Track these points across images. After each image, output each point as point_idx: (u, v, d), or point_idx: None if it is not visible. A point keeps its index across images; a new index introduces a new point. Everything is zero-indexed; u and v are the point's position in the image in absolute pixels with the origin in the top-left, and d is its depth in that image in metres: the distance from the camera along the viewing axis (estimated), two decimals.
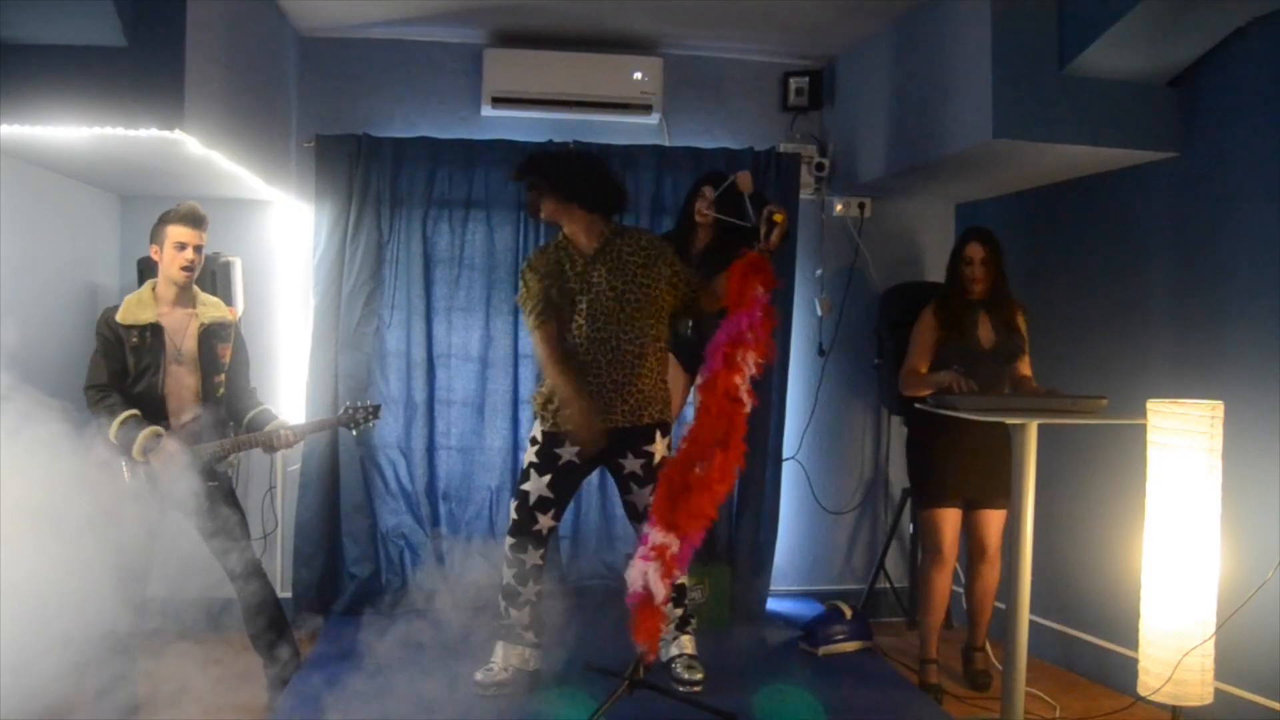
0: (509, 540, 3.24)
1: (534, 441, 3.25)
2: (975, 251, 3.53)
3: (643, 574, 2.87)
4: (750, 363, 2.89)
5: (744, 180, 3.59)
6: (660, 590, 2.86)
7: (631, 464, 3.22)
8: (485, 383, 4.28)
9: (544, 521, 3.22)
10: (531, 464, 3.22)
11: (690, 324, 3.77)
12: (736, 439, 2.89)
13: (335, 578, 4.19)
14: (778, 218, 3.01)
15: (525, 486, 3.22)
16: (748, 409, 2.90)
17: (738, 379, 2.88)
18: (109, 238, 4.12)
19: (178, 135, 2.92)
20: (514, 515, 3.23)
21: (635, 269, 3.18)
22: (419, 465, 4.24)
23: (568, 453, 3.19)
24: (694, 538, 2.92)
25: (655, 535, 2.89)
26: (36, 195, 3.54)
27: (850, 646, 3.81)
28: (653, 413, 3.23)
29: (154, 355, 3.07)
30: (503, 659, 3.27)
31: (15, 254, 3.34)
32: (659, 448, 3.23)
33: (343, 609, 4.10)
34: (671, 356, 3.55)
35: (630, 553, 3.03)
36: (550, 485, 3.20)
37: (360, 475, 4.19)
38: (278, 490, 4.25)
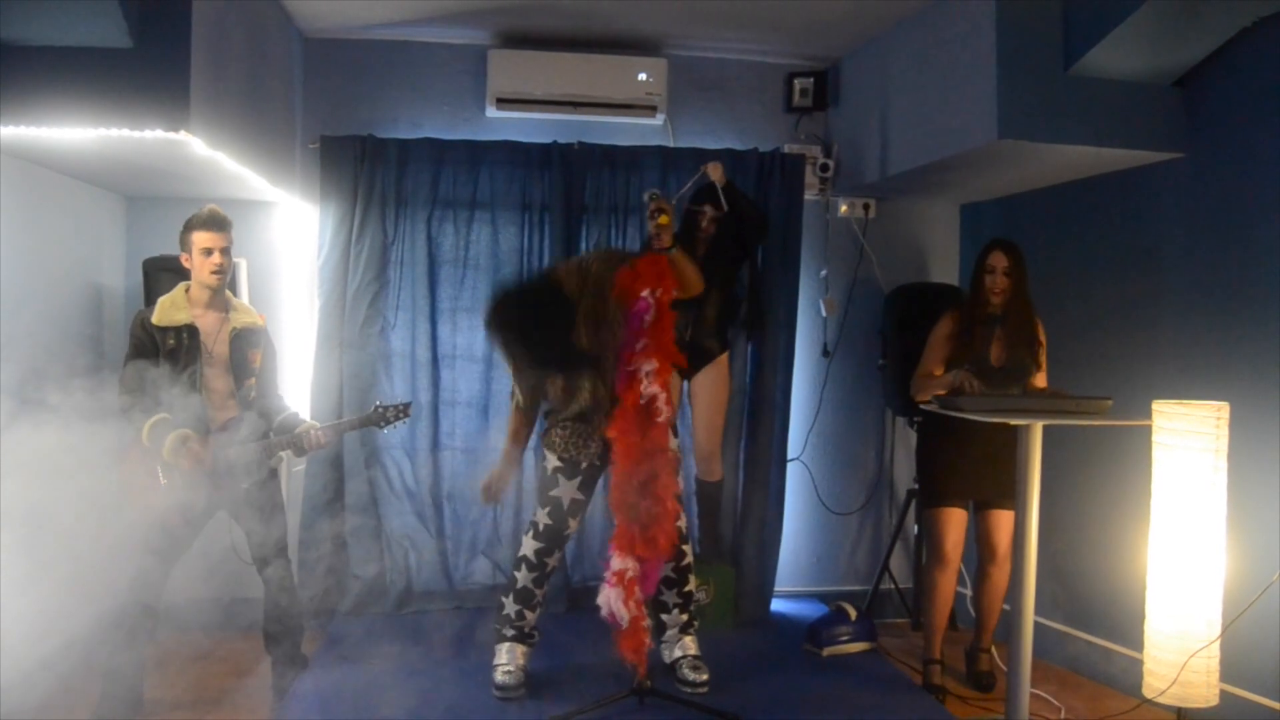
0: (535, 545, 3.22)
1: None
2: (998, 260, 3.47)
3: (608, 600, 2.92)
4: (648, 372, 2.87)
5: (714, 170, 3.60)
6: (624, 615, 2.89)
7: None
8: (490, 384, 4.28)
9: (573, 525, 3.25)
10: (557, 469, 3.21)
11: (689, 327, 3.80)
12: (663, 454, 2.91)
13: (340, 578, 4.19)
14: (663, 220, 2.96)
15: (555, 492, 3.20)
16: (664, 417, 2.91)
17: (644, 389, 2.87)
18: (114, 239, 4.13)
19: (183, 136, 2.93)
20: (547, 520, 3.20)
21: None
22: (424, 466, 4.24)
23: (587, 456, 3.21)
24: (655, 566, 2.96)
25: (615, 561, 2.93)
26: (42, 196, 3.54)
27: (855, 647, 3.81)
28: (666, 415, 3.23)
29: (190, 356, 3.07)
30: (512, 660, 3.27)
31: (21, 255, 3.34)
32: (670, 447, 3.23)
33: (348, 609, 4.10)
34: None
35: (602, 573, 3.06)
36: (580, 488, 3.21)
37: (365, 476, 4.19)
38: (282, 490, 4.25)
